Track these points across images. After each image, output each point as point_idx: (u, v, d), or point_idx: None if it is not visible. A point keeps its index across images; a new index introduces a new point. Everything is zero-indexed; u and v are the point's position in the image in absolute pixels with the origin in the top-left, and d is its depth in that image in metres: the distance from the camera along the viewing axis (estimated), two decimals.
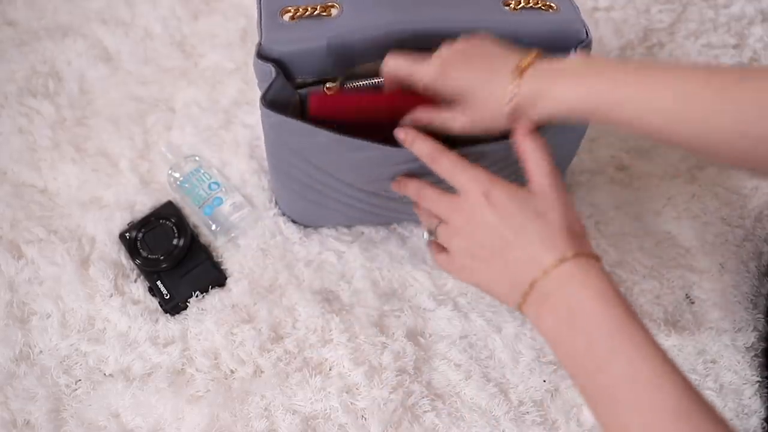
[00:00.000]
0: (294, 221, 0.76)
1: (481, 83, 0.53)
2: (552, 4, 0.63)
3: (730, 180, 0.81)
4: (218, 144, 0.81)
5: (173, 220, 0.74)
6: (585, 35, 0.61)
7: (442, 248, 0.56)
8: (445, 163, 0.54)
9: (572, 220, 0.50)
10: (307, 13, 0.60)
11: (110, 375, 0.67)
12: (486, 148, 0.58)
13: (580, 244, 0.49)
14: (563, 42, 0.62)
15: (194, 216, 0.77)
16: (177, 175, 0.77)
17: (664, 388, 0.41)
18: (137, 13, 0.92)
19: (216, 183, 0.77)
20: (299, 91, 0.62)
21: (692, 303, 0.73)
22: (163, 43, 0.89)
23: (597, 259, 0.48)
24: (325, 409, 0.65)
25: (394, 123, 0.58)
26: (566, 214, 0.50)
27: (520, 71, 0.50)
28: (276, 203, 0.77)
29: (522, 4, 0.62)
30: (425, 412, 0.66)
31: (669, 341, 0.69)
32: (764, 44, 0.94)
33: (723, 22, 0.95)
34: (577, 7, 0.64)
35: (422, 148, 0.56)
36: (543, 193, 0.51)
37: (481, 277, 0.53)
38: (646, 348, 0.43)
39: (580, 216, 0.77)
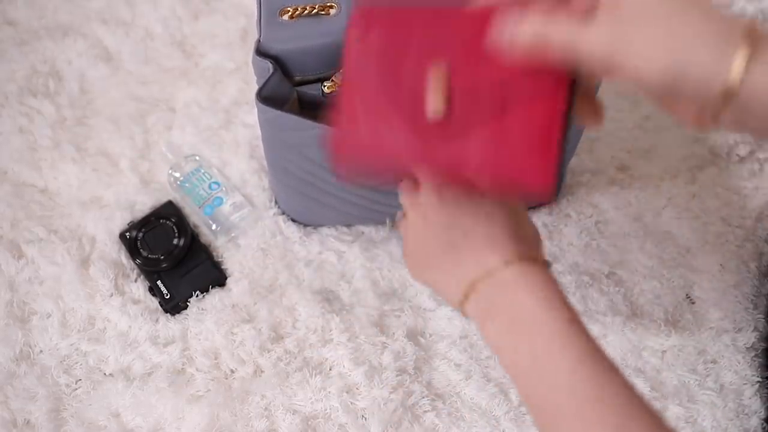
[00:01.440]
0: (294, 220, 0.76)
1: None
2: None
3: (730, 180, 0.81)
4: (218, 144, 0.81)
5: (173, 220, 0.74)
6: None
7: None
8: None
9: (523, 225, 0.49)
10: (306, 12, 0.61)
11: (110, 375, 0.67)
12: None
13: (528, 249, 0.47)
14: None
15: (194, 216, 0.77)
16: (177, 174, 0.77)
17: (606, 402, 0.40)
18: (138, 13, 0.92)
19: (216, 183, 0.77)
20: (297, 88, 0.62)
21: (693, 303, 0.73)
22: (163, 42, 0.89)
23: (545, 264, 0.47)
24: (326, 409, 0.65)
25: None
26: (516, 219, 0.48)
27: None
28: (276, 202, 0.77)
29: None
30: (425, 412, 0.66)
31: (669, 341, 0.69)
32: None
33: None
34: None
35: None
36: (494, 200, 0.49)
37: (431, 275, 0.51)
38: (590, 357, 0.41)
39: (581, 213, 0.77)
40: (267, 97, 0.58)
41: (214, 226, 0.74)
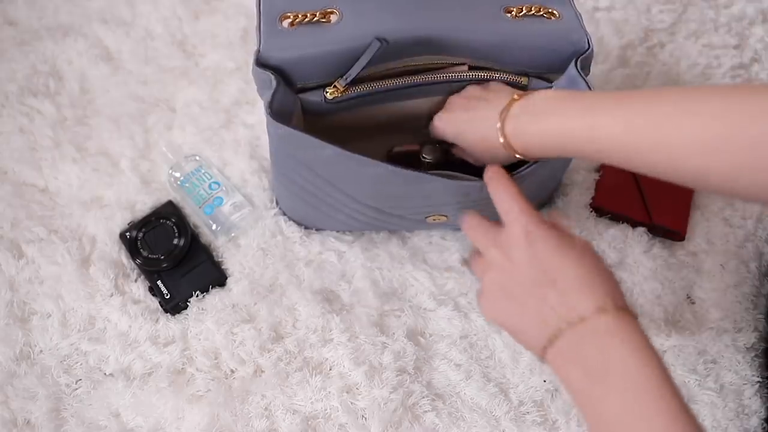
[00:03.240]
0: (294, 221, 0.76)
1: (472, 128, 0.59)
2: (554, 12, 0.62)
3: None
4: (219, 143, 0.81)
5: (174, 220, 0.74)
6: (586, 45, 0.60)
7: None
8: (501, 187, 0.53)
9: (609, 272, 0.48)
10: (306, 20, 0.59)
11: (110, 374, 0.67)
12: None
13: (620, 297, 0.47)
14: (564, 51, 0.61)
15: (195, 216, 0.77)
16: (177, 174, 0.77)
17: None
18: (138, 13, 0.92)
19: (216, 183, 0.77)
20: (300, 95, 0.61)
21: (693, 303, 0.73)
22: (164, 42, 0.89)
23: (634, 315, 0.46)
24: (326, 409, 0.65)
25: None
26: (603, 265, 0.48)
27: (501, 117, 0.54)
28: (276, 203, 0.77)
29: (524, 11, 0.61)
30: (425, 412, 0.66)
31: (669, 341, 0.69)
32: (765, 45, 0.94)
33: (724, 23, 0.95)
34: (580, 15, 0.62)
35: (493, 168, 0.55)
36: (582, 242, 0.49)
37: (511, 316, 0.49)
38: (682, 417, 0.41)
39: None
40: (276, 112, 0.57)
41: (214, 226, 0.74)
